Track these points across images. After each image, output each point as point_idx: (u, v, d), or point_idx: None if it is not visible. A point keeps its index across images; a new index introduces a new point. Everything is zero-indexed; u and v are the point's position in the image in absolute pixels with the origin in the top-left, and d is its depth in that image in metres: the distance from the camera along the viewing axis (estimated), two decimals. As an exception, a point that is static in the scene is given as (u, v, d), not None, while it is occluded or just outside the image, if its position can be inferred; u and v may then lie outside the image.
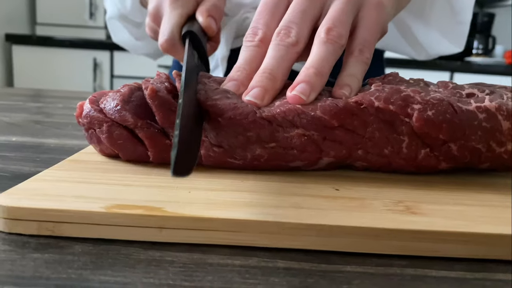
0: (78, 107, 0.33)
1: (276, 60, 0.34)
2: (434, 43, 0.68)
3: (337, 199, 0.26)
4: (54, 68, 2.41)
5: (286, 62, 0.34)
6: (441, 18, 0.65)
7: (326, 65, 0.33)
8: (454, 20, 0.65)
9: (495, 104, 0.31)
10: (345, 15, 0.35)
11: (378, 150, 0.32)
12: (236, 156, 0.31)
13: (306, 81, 0.32)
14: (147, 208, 0.23)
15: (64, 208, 0.23)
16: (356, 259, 0.22)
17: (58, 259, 0.21)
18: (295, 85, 0.32)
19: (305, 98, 0.31)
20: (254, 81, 0.33)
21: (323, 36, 0.34)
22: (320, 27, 0.35)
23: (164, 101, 0.31)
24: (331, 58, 0.34)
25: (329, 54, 0.33)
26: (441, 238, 0.22)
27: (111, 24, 0.74)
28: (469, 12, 0.64)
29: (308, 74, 0.32)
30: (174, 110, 0.31)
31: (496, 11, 2.62)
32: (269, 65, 0.34)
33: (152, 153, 0.31)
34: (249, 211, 0.24)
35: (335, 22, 0.34)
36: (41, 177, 0.28)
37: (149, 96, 0.31)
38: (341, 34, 0.34)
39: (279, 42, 0.34)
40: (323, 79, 0.33)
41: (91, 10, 2.46)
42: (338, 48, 0.34)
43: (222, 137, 0.30)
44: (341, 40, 0.34)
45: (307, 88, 0.31)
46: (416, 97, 0.31)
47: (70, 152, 0.39)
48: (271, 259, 0.22)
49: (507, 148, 0.32)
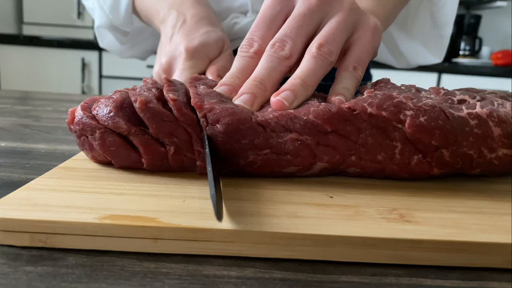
0: (69, 113, 0.33)
1: (267, 71, 0.34)
2: (415, 54, 0.71)
3: (332, 207, 0.27)
4: (42, 69, 2.38)
5: (277, 74, 0.35)
6: (423, 30, 0.68)
7: (313, 79, 0.34)
8: (436, 33, 0.68)
9: (486, 110, 0.32)
10: (339, 34, 0.36)
11: (371, 156, 0.32)
12: (230, 163, 0.31)
13: (291, 90, 0.33)
14: (141, 218, 0.23)
15: (57, 220, 0.23)
16: (351, 268, 0.22)
17: (52, 272, 0.21)
18: (280, 92, 0.33)
19: (287, 104, 0.32)
20: (244, 87, 0.34)
21: (314, 51, 0.35)
22: (313, 42, 0.35)
23: (155, 113, 0.30)
24: (319, 73, 0.34)
25: (318, 68, 0.34)
26: (435, 247, 0.23)
27: (99, 32, 0.74)
28: (450, 26, 0.67)
29: (294, 83, 0.33)
30: (167, 120, 0.30)
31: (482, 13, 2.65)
32: (260, 75, 0.34)
33: (146, 160, 0.31)
34: (244, 220, 0.24)
35: (328, 39, 0.35)
36: (33, 186, 0.27)
37: (139, 109, 0.30)
38: (331, 51, 0.35)
39: (272, 54, 0.35)
40: (308, 91, 0.34)
41: (79, 9, 2.43)
42: (327, 65, 0.35)
43: (217, 147, 0.30)
44: (331, 57, 0.35)
45: (291, 95, 0.32)
46: (409, 103, 0.31)
47: (60, 158, 0.39)
48: (267, 269, 0.22)
49: (498, 154, 0.32)
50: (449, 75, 2.32)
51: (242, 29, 0.63)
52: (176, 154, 0.31)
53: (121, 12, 0.65)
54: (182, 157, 0.31)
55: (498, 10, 2.61)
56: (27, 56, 2.37)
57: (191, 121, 0.31)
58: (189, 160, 0.31)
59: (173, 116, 0.31)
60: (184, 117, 0.31)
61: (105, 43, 0.76)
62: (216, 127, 0.30)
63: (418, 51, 0.70)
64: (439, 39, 0.69)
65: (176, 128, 0.31)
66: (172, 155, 0.31)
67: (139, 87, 0.34)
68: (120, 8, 0.65)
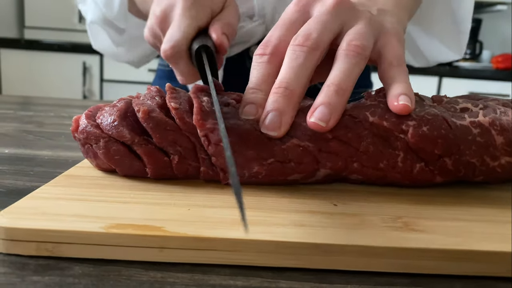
0: (73, 121, 0.33)
1: (293, 70, 0.31)
2: (435, 51, 0.68)
3: (336, 215, 0.27)
4: (43, 72, 2.38)
5: (305, 71, 0.31)
6: (442, 27, 0.66)
7: (348, 80, 0.31)
8: (455, 29, 0.66)
9: (488, 119, 0.32)
10: (367, 33, 0.34)
11: (373, 164, 0.32)
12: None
13: (326, 103, 0.30)
14: (147, 227, 0.23)
15: (63, 229, 0.23)
16: (357, 277, 0.22)
17: (59, 281, 0.21)
18: (314, 108, 0.30)
19: (324, 124, 0.29)
20: (269, 101, 0.31)
21: (345, 48, 0.32)
22: (342, 42, 0.33)
23: (158, 122, 0.30)
24: (354, 72, 0.32)
25: (352, 67, 0.31)
26: (441, 256, 0.23)
27: (92, 29, 0.71)
28: (469, 21, 0.65)
29: (328, 93, 0.30)
30: (170, 129, 0.30)
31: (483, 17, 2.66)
32: (285, 78, 0.31)
33: (150, 169, 0.31)
34: (249, 229, 0.24)
35: (356, 36, 0.33)
36: (38, 195, 0.28)
37: (142, 119, 0.30)
38: (364, 45, 0.32)
39: (295, 48, 0.32)
40: (345, 97, 0.31)
41: (80, 13, 2.44)
42: (361, 60, 0.32)
43: (223, 159, 0.30)
44: (365, 50, 0.32)
45: (326, 113, 0.30)
46: (411, 113, 0.31)
47: (64, 165, 0.39)
48: (273, 279, 0.22)
49: (501, 162, 0.32)
50: (449, 79, 2.32)
51: (248, 33, 0.62)
52: (180, 163, 0.31)
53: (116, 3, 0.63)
54: (186, 165, 0.31)
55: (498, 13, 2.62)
56: (28, 60, 2.37)
57: (194, 129, 0.31)
58: (194, 169, 0.31)
59: (176, 125, 0.31)
60: (186, 126, 0.31)
61: (98, 42, 0.72)
62: (219, 146, 0.30)
63: (437, 49, 0.68)
64: (458, 34, 0.66)
65: (180, 136, 0.31)
66: (176, 164, 0.31)
67: (142, 95, 0.34)
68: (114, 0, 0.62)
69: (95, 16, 0.66)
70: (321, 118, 0.29)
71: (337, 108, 0.30)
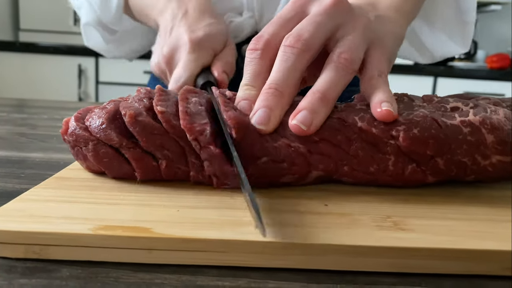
0: (63, 123, 0.33)
1: (283, 73, 0.32)
2: (440, 45, 0.68)
3: (326, 215, 0.27)
4: (38, 75, 2.38)
5: (294, 72, 0.32)
6: (447, 19, 0.65)
7: (334, 91, 0.32)
8: (460, 20, 0.65)
9: (479, 118, 0.32)
10: (358, 43, 0.34)
11: (363, 168, 0.32)
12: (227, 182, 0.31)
13: (308, 109, 0.30)
14: (135, 229, 0.23)
15: (51, 231, 0.23)
16: (345, 277, 0.22)
17: (47, 284, 0.21)
18: (296, 112, 0.31)
19: (305, 128, 0.30)
20: (259, 100, 0.32)
21: (335, 59, 0.33)
22: (332, 52, 0.34)
23: (145, 126, 0.30)
24: (340, 83, 0.32)
25: (339, 79, 0.32)
26: (430, 255, 0.23)
27: (85, 30, 0.72)
28: (474, 10, 0.64)
29: (312, 100, 0.31)
30: (157, 133, 0.30)
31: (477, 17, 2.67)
32: (275, 79, 0.32)
33: (139, 173, 0.31)
34: (237, 230, 0.24)
35: (347, 48, 0.33)
36: (27, 197, 0.27)
37: (128, 123, 0.30)
38: (353, 59, 0.33)
39: (286, 49, 0.32)
40: (328, 106, 0.31)
41: (75, 16, 2.44)
42: (348, 73, 0.33)
43: (216, 166, 0.30)
44: (354, 65, 0.33)
45: (308, 118, 0.30)
46: (399, 118, 0.31)
47: (55, 167, 0.39)
48: (261, 279, 0.22)
49: (492, 160, 0.32)
50: (444, 78, 2.33)
51: (238, 27, 0.62)
52: (169, 167, 0.31)
53: (112, 9, 0.63)
54: (175, 170, 0.31)
55: (493, 13, 2.63)
56: (23, 63, 2.37)
57: (182, 133, 0.30)
58: (183, 173, 0.31)
59: (163, 129, 0.30)
60: (174, 129, 0.30)
61: (91, 42, 0.74)
62: (210, 149, 0.30)
63: (442, 43, 0.67)
64: (463, 26, 0.65)
65: (167, 140, 0.30)
66: (164, 168, 0.31)
67: (131, 97, 0.34)
68: (111, 4, 0.63)
69: (89, 18, 0.68)
70: (303, 121, 0.30)
71: (320, 115, 0.31)
